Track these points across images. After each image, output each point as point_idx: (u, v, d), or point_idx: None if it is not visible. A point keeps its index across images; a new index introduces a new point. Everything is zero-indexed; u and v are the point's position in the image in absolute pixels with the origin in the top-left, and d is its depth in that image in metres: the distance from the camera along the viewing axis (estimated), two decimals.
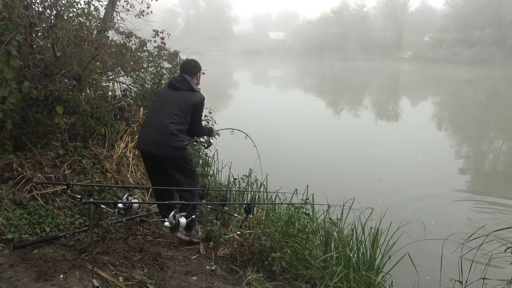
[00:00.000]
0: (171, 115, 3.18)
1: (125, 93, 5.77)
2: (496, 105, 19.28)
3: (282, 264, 3.05)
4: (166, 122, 3.15)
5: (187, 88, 3.30)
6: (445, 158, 9.50)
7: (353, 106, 19.18)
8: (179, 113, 3.20)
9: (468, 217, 5.99)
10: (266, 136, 10.76)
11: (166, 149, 3.14)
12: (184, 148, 3.24)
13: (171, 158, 3.18)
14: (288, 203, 4.32)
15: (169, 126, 3.15)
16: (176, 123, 3.18)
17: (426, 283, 3.64)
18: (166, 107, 3.24)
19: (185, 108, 3.22)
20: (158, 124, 3.18)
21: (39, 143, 3.79)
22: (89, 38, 4.56)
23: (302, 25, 68.33)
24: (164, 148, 3.13)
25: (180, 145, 3.18)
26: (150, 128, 3.24)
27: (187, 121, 3.25)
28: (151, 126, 3.24)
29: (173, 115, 3.18)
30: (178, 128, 3.18)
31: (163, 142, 3.13)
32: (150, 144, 3.20)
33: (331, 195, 4.38)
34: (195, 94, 3.32)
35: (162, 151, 3.15)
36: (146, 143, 3.24)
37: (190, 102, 3.25)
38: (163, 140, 3.13)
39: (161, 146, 3.14)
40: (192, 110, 3.26)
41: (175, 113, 3.19)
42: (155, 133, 3.17)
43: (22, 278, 2.26)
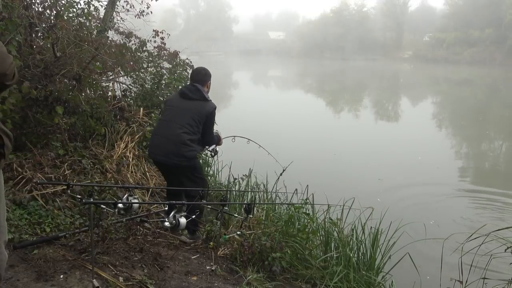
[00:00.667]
0: (184, 125, 3.20)
1: (125, 93, 5.76)
2: (496, 105, 19.29)
3: (282, 264, 3.05)
4: (179, 132, 3.18)
5: (200, 97, 3.32)
6: (445, 158, 9.51)
7: (353, 106, 19.18)
8: (192, 123, 3.23)
9: (468, 217, 5.99)
10: (266, 136, 10.77)
11: (178, 159, 3.18)
12: (196, 157, 3.29)
13: (181, 167, 3.22)
14: (288, 203, 4.32)
15: (182, 136, 3.18)
16: (189, 133, 3.21)
17: (426, 283, 3.63)
18: (179, 116, 3.26)
19: (198, 118, 3.25)
20: (171, 134, 3.21)
21: (39, 143, 3.79)
22: (89, 38, 4.56)
23: (302, 25, 68.28)
24: (177, 158, 3.18)
25: (193, 154, 3.23)
26: (162, 138, 3.26)
27: (199, 131, 3.28)
28: (164, 135, 3.26)
29: (186, 125, 3.21)
30: (191, 138, 3.21)
31: (176, 152, 3.17)
32: (162, 154, 3.24)
33: (331, 195, 4.39)
34: (208, 103, 3.34)
35: (174, 161, 3.19)
36: (158, 152, 3.28)
37: (203, 112, 3.27)
38: (176, 150, 3.17)
39: (173, 156, 3.18)
40: (205, 120, 3.29)
41: (188, 123, 3.21)
42: (167, 143, 3.20)
43: (22, 278, 2.26)
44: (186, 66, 6.38)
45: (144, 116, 5.20)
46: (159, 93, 5.78)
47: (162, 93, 5.81)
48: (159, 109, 5.54)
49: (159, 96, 5.77)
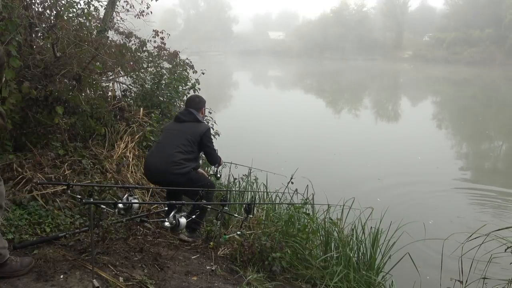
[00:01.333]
0: (178, 145, 3.35)
1: (125, 93, 5.76)
2: (496, 105, 19.29)
3: (282, 264, 3.05)
4: (173, 152, 3.32)
5: (192, 119, 3.53)
6: (445, 158, 9.51)
7: (353, 106, 19.18)
8: (185, 143, 3.38)
9: (468, 216, 5.99)
10: (266, 136, 10.79)
11: (172, 176, 3.27)
12: (190, 172, 3.35)
13: (178, 183, 3.28)
14: (288, 203, 4.32)
15: (176, 155, 3.31)
16: (183, 152, 3.34)
17: (426, 283, 3.64)
18: (173, 138, 3.43)
19: (192, 138, 3.41)
20: (165, 154, 3.34)
21: (39, 144, 3.79)
22: (89, 38, 4.55)
23: (302, 25, 68.30)
24: (171, 176, 3.27)
25: (186, 170, 3.32)
26: (156, 158, 3.39)
27: (193, 150, 3.42)
28: (157, 156, 3.40)
29: (180, 145, 3.36)
30: (185, 157, 3.34)
31: (169, 171, 3.27)
32: (157, 174, 3.37)
33: (331, 195, 4.39)
34: (201, 124, 3.55)
35: (169, 179, 3.27)
36: (153, 173, 3.41)
37: (197, 132, 3.45)
38: (169, 169, 3.27)
39: (167, 175, 3.28)
40: (199, 140, 3.44)
41: (182, 143, 3.37)
42: (161, 163, 3.32)
43: (22, 278, 2.26)
44: (186, 66, 6.38)
45: (144, 116, 5.20)
46: (159, 93, 5.78)
47: (162, 93, 5.82)
48: (159, 109, 5.54)
49: (159, 96, 5.77)
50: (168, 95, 5.81)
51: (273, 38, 68.11)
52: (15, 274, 2.25)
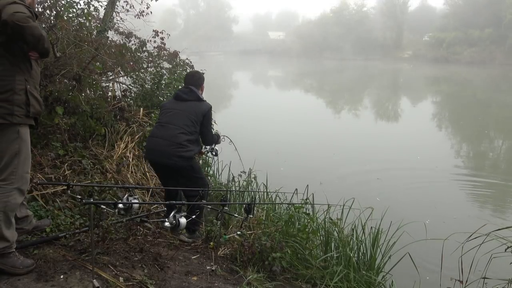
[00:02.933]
0: (182, 126, 3.25)
1: (125, 93, 5.76)
2: (496, 105, 19.28)
3: (282, 264, 3.06)
4: (176, 133, 3.22)
5: (195, 98, 3.40)
6: (444, 157, 9.50)
7: (353, 106, 19.18)
8: (188, 123, 3.28)
9: (468, 216, 5.99)
10: (266, 136, 10.79)
11: (176, 159, 3.20)
12: (193, 158, 3.29)
13: (179, 168, 3.24)
14: (288, 203, 4.32)
15: (180, 136, 3.22)
16: (187, 133, 3.25)
17: (426, 282, 3.64)
18: (176, 118, 3.30)
19: (195, 118, 3.31)
20: (168, 135, 3.24)
21: (39, 144, 3.79)
22: (89, 38, 4.56)
23: (302, 25, 68.30)
24: (174, 158, 3.20)
25: (190, 154, 3.25)
26: (159, 139, 3.27)
27: (196, 131, 3.33)
28: (160, 137, 3.28)
29: (184, 125, 3.26)
30: (188, 138, 3.25)
31: (173, 152, 3.19)
32: (159, 155, 3.26)
33: (331, 195, 4.39)
34: (203, 103, 3.42)
35: (172, 161, 3.20)
36: (155, 153, 3.30)
37: (199, 111, 3.33)
38: (173, 151, 3.19)
39: (171, 157, 3.20)
40: (202, 119, 3.34)
41: (185, 124, 3.27)
42: (165, 144, 3.22)
43: (22, 279, 2.26)
44: (186, 66, 6.38)
45: (144, 116, 5.21)
46: (159, 93, 5.78)
47: (162, 93, 5.82)
48: (159, 109, 5.54)
49: (159, 96, 5.77)
50: (168, 95, 5.81)
51: (273, 38, 68.13)
52: (12, 270, 2.26)
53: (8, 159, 2.25)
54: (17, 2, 2.24)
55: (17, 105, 2.26)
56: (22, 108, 2.29)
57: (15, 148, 2.25)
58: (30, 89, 2.33)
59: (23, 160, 2.30)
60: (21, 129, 2.29)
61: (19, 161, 2.27)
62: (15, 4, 2.21)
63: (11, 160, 2.25)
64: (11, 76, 2.26)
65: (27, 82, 2.32)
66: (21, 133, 2.29)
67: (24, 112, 2.29)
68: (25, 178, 2.33)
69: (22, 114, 2.28)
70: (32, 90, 2.36)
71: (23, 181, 2.32)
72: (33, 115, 2.36)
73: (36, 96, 2.40)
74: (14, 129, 2.26)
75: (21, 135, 2.29)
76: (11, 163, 2.25)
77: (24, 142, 2.31)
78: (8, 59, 2.26)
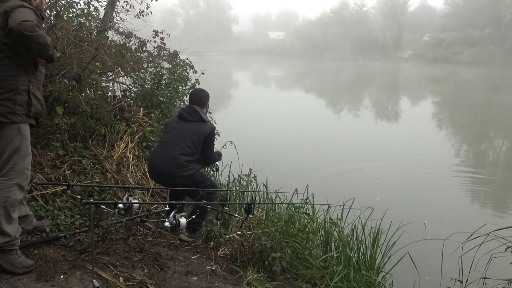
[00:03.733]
0: (183, 147, 3.29)
1: (125, 93, 5.76)
2: (496, 105, 19.29)
3: (282, 264, 3.05)
4: (177, 154, 3.27)
5: (198, 119, 3.41)
6: (443, 157, 9.51)
7: (352, 106, 19.18)
8: (190, 145, 3.31)
9: (468, 215, 5.99)
10: (266, 136, 10.80)
11: (177, 179, 3.25)
12: (194, 174, 3.33)
13: (183, 184, 3.27)
14: (288, 203, 4.32)
15: (180, 158, 3.26)
16: (187, 154, 3.29)
17: (426, 282, 3.64)
18: (177, 138, 3.35)
19: (197, 140, 3.34)
20: (168, 156, 3.29)
21: (39, 144, 3.79)
22: (89, 38, 4.55)
23: (302, 25, 68.35)
24: (176, 179, 3.25)
25: (191, 173, 3.30)
26: (160, 159, 3.35)
27: (198, 151, 3.36)
28: (161, 157, 3.35)
29: (185, 147, 3.29)
30: (189, 159, 3.29)
31: (174, 174, 3.26)
32: (162, 176, 3.37)
33: (331, 195, 4.39)
34: (206, 124, 3.43)
35: (174, 182, 3.26)
36: (157, 175, 3.41)
37: (202, 133, 3.36)
38: (173, 172, 3.25)
39: (173, 178, 3.26)
40: (204, 141, 3.36)
41: (187, 145, 3.30)
42: (164, 165, 3.29)
43: (22, 279, 2.26)
44: (186, 66, 6.38)
45: (144, 116, 5.20)
46: (159, 93, 5.78)
47: (162, 93, 5.81)
48: (159, 109, 5.54)
49: (159, 96, 5.76)
50: (168, 95, 5.81)
51: (273, 38, 68.12)
52: (10, 268, 2.27)
53: (8, 155, 2.29)
54: (24, 6, 2.28)
55: (19, 104, 2.31)
56: (24, 107, 2.33)
57: (15, 145, 2.29)
58: (33, 89, 2.38)
59: (22, 156, 2.33)
60: (22, 126, 2.33)
61: (19, 157, 2.31)
62: (22, 8, 2.24)
63: (11, 156, 2.29)
64: (15, 77, 2.31)
65: (30, 83, 2.37)
66: (21, 130, 2.33)
67: (25, 111, 2.34)
68: (25, 174, 2.36)
69: (24, 113, 2.33)
70: (34, 91, 2.40)
71: (23, 177, 2.35)
72: (34, 115, 2.41)
73: (38, 97, 2.44)
74: (15, 126, 2.30)
75: (22, 132, 2.33)
76: (11, 159, 2.29)
77: (24, 139, 2.35)
78: (13, 60, 2.31)
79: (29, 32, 2.17)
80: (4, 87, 2.28)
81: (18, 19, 2.17)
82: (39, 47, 2.25)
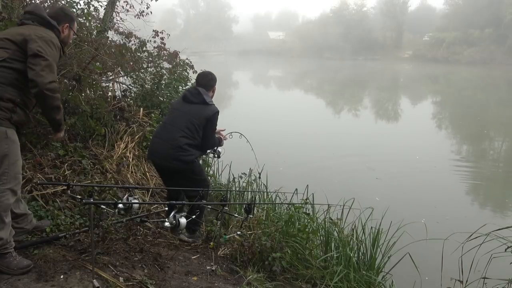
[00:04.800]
0: (183, 129, 3.21)
1: (125, 93, 5.76)
2: (496, 105, 19.28)
3: (282, 264, 3.06)
4: (177, 136, 3.19)
5: (200, 101, 3.31)
6: (443, 157, 9.50)
7: (352, 106, 19.18)
8: (190, 127, 3.22)
9: (468, 215, 5.99)
10: (266, 136, 10.79)
11: (176, 162, 3.19)
12: (194, 161, 3.27)
13: (180, 171, 3.24)
14: (288, 203, 4.32)
15: (180, 140, 3.18)
16: (188, 137, 3.21)
17: (426, 282, 3.64)
18: (178, 120, 3.27)
19: (197, 122, 3.24)
20: (169, 138, 3.23)
21: (39, 144, 3.78)
22: (89, 38, 4.55)
23: (302, 25, 68.38)
24: (174, 161, 3.19)
25: (190, 159, 3.23)
26: (161, 141, 3.29)
27: (199, 135, 3.27)
28: (162, 138, 3.29)
29: (185, 128, 3.21)
30: (189, 142, 3.21)
31: (174, 156, 3.18)
32: (160, 157, 3.28)
33: (331, 195, 4.39)
34: (208, 107, 3.31)
35: (172, 165, 3.21)
36: (156, 155, 3.32)
37: (203, 116, 3.26)
38: (173, 154, 3.18)
39: (171, 160, 3.20)
40: (205, 124, 3.27)
41: (187, 127, 3.22)
42: (165, 146, 3.22)
43: (22, 279, 2.26)
44: (186, 66, 6.38)
45: (144, 116, 5.20)
46: (159, 93, 5.78)
47: (162, 93, 5.81)
48: (159, 109, 5.54)
49: (159, 96, 5.77)
50: (168, 95, 5.81)
51: (273, 38, 68.12)
52: (6, 271, 2.28)
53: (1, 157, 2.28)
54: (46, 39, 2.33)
55: (2, 109, 2.27)
56: (7, 113, 2.29)
57: (4, 149, 2.27)
58: (19, 102, 2.34)
59: (13, 161, 2.32)
60: (8, 131, 2.30)
61: (9, 162, 2.30)
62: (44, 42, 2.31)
63: (1, 161, 2.27)
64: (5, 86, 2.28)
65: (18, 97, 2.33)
66: (8, 134, 2.29)
67: (8, 116, 2.29)
68: (17, 179, 2.36)
69: (6, 117, 2.28)
70: (21, 104, 2.37)
71: (16, 181, 2.35)
72: (15, 123, 2.35)
73: (25, 110, 2.41)
74: (1, 129, 2.27)
75: (9, 136, 2.30)
76: (2, 164, 2.27)
77: (13, 143, 2.33)
78: (11, 74, 2.30)
79: (51, 93, 2.29)
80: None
81: (46, 79, 2.26)
82: (51, 107, 2.34)
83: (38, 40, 2.30)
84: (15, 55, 2.31)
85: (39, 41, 2.30)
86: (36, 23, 2.43)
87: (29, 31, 2.34)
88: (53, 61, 2.34)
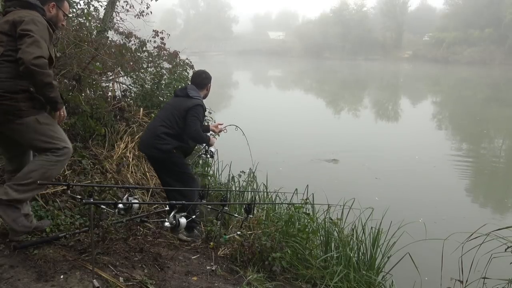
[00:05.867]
0: (164, 119, 3.41)
1: (125, 93, 5.76)
2: (495, 105, 19.28)
3: (282, 264, 3.06)
4: (157, 125, 3.41)
5: (184, 94, 3.50)
6: (442, 157, 9.50)
7: (352, 106, 19.18)
8: (170, 118, 3.40)
9: (468, 215, 5.99)
10: (266, 136, 10.79)
11: (154, 150, 3.39)
12: (170, 151, 3.34)
13: (161, 161, 3.39)
14: (288, 203, 4.32)
15: (158, 129, 3.38)
16: (166, 126, 3.38)
17: (426, 282, 3.64)
18: (163, 112, 3.54)
19: (177, 113, 3.40)
20: (151, 126, 3.50)
21: None
22: (89, 38, 4.55)
23: (302, 25, 68.31)
24: (152, 149, 3.39)
25: (167, 148, 3.34)
26: (146, 130, 3.60)
27: (178, 126, 3.39)
28: (148, 128, 3.59)
29: (166, 119, 3.41)
30: (166, 131, 3.36)
31: (152, 144, 3.38)
32: (143, 145, 3.54)
33: (331, 195, 4.39)
34: (190, 100, 3.46)
35: (152, 153, 3.44)
36: (142, 144, 3.60)
37: (182, 107, 3.41)
38: (152, 142, 3.38)
39: (150, 148, 3.42)
40: (184, 115, 3.39)
41: (168, 118, 3.41)
42: (147, 136, 3.49)
43: (22, 279, 2.26)
44: (186, 66, 6.38)
45: (144, 116, 5.21)
46: (159, 93, 5.78)
47: (162, 93, 5.81)
48: (159, 109, 5.54)
49: (159, 96, 5.77)
50: (168, 95, 5.81)
51: (273, 38, 68.07)
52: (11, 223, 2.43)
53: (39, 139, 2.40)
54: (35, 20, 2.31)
55: (21, 101, 2.33)
56: (27, 103, 2.36)
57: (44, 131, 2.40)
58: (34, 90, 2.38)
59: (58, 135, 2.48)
60: (38, 117, 2.39)
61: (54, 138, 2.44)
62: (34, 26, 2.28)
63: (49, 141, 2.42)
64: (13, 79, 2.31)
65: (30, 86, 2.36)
66: (40, 120, 2.39)
67: (31, 105, 2.37)
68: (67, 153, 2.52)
69: (30, 107, 2.36)
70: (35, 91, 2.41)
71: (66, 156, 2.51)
72: (41, 108, 2.43)
73: None
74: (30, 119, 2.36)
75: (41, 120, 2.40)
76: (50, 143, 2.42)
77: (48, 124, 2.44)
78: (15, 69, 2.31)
79: (39, 69, 2.25)
80: (3, 88, 2.29)
81: (32, 54, 2.22)
82: (42, 84, 2.31)
83: (22, 22, 2.29)
84: (9, 45, 2.32)
85: (23, 23, 2.29)
86: (17, 7, 2.42)
87: (13, 17, 2.34)
88: (40, 37, 2.30)
